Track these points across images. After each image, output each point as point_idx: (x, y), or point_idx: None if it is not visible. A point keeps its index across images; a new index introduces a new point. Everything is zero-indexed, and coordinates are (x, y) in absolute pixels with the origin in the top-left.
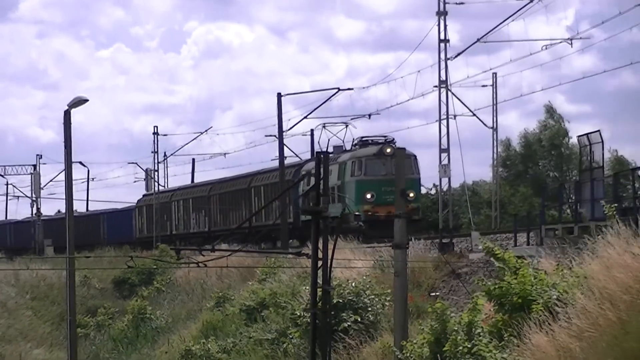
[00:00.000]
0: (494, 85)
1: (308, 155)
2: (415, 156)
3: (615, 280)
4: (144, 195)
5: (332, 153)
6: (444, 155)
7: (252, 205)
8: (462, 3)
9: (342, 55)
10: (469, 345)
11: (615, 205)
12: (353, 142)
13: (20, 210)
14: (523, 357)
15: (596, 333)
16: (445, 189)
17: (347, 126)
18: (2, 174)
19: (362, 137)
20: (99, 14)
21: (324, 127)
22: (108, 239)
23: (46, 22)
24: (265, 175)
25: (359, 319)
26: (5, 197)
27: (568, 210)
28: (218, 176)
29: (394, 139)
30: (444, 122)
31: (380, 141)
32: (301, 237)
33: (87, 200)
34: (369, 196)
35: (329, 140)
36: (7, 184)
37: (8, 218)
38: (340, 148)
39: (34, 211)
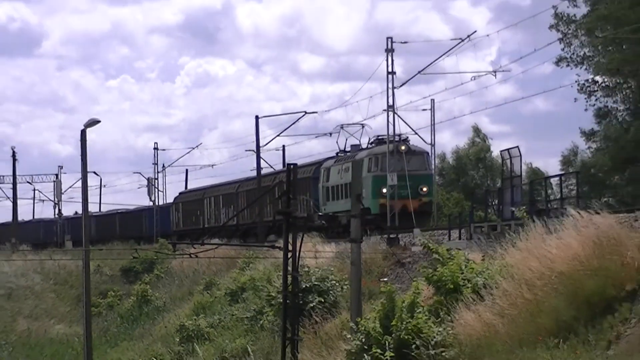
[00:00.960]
0: (432, 109)
1: (281, 167)
2: (427, 153)
3: (531, 268)
4: (180, 193)
5: (348, 151)
6: None
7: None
8: (405, 42)
9: (306, 85)
10: (411, 321)
11: (524, 207)
12: (369, 140)
13: (45, 212)
14: (455, 331)
15: (515, 311)
16: None
17: (363, 127)
18: (30, 181)
19: (378, 136)
20: (108, 50)
21: (342, 127)
22: (148, 233)
23: (64, 57)
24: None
25: (322, 300)
26: (32, 201)
27: (492, 211)
28: (208, 183)
29: (407, 137)
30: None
31: (395, 139)
32: (320, 230)
33: (100, 203)
34: (384, 190)
35: (346, 140)
36: (34, 190)
37: (35, 218)
38: (357, 147)
39: (56, 212)
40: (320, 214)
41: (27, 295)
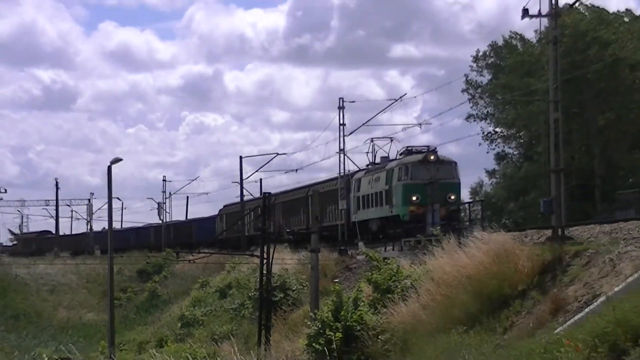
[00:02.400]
0: (373, 151)
1: (259, 194)
2: (455, 163)
3: (446, 272)
4: (224, 206)
5: (378, 163)
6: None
7: (308, 212)
8: (353, 102)
9: (276, 133)
10: (355, 312)
11: (439, 227)
12: (398, 152)
13: (79, 228)
14: (388, 320)
15: (434, 304)
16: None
17: (392, 140)
18: (69, 204)
19: (408, 147)
20: (127, 105)
21: (372, 141)
22: (197, 241)
23: (94, 110)
24: (323, 184)
25: (287, 295)
26: (70, 219)
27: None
28: (204, 210)
29: (436, 148)
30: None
31: (424, 150)
32: (351, 235)
33: (122, 221)
34: (414, 198)
35: (376, 152)
36: (71, 211)
37: (73, 232)
38: (387, 159)
39: (88, 228)
40: (353, 221)
41: (66, 290)
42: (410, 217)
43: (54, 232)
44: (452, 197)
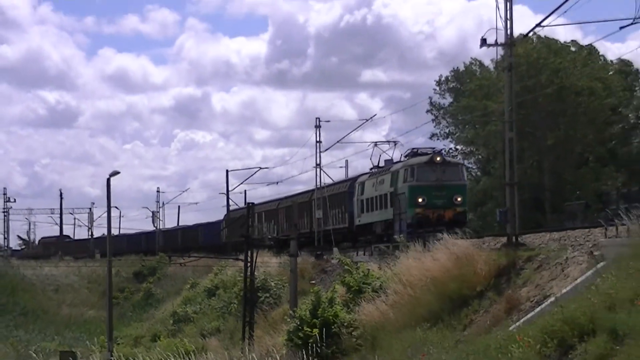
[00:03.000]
0: (346, 167)
1: (244, 205)
2: (462, 164)
3: (412, 275)
4: (228, 212)
5: (382, 167)
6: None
7: (312, 214)
8: (328, 121)
9: (258, 149)
10: (331, 310)
11: (403, 235)
12: (402, 154)
13: (81, 234)
14: (360, 317)
15: (401, 304)
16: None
17: (395, 144)
18: (72, 213)
19: (413, 149)
20: (124, 124)
21: (375, 145)
22: (203, 244)
23: (94, 128)
24: (328, 188)
25: (269, 295)
26: (73, 227)
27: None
28: (194, 218)
29: (442, 150)
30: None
31: (429, 152)
32: (354, 239)
33: (119, 228)
34: (420, 200)
35: (380, 155)
36: (74, 219)
37: (75, 238)
38: (390, 162)
39: (89, 234)
40: (356, 224)
41: (69, 290)
42: (416, 219)
43: (72, 237)
44: (459, 199)
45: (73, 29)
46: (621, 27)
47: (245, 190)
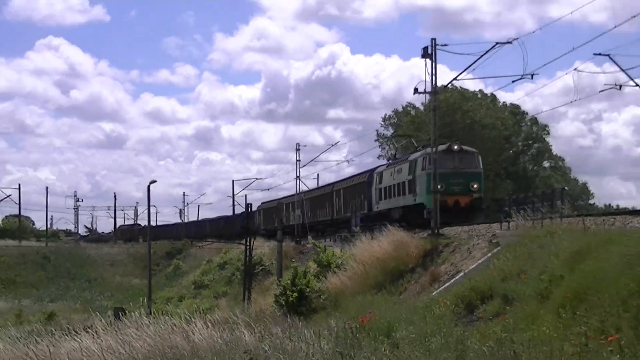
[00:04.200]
0: (318, 178)
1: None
2: (478, 153)
3: (363, 255)
4: (262, 203)
5: (399, 158)
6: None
7: (333, 205)
8: (305, 146)
9: (254, 165)
10: (304, 280)
11: (359, 227)
12: (417, 147)
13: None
14: (326, 286)
15: (355, 276)
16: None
17: (410, 137)
18: (122, 209)
19: (428, 139)
20: (159, 147)
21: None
22: (239, 232)
23: (137, 149)
24: (345, 181)
25: (263, 269)
26: (123, 219)
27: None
28: (209, 214)
29: (457, 140)
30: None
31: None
32: (372, 222)
33: (156, 222)
34: (438, 187)
35: (396, 148)
36: (124, 214)
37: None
38: (407, 153)
39: (135, 225)
40: (375, 211)
41: (120, 264)
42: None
43: (112, 228)
44: (475, 186)
45: (123, 79)
46: (513, 81)
47: (245, 195)
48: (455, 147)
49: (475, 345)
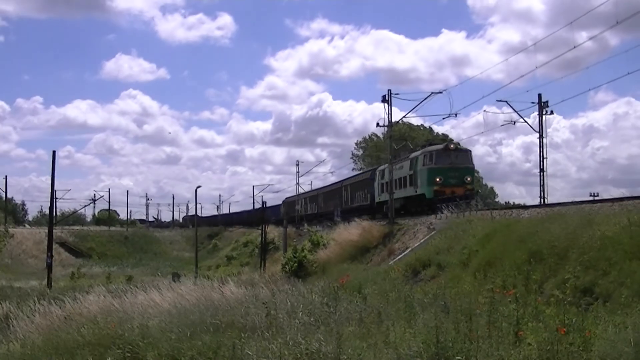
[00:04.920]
0: (311, 185)
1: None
2: (470, 151)
3: (341, 238)
4: (286, 198)
5: (400, 157)
6: None
7: (342, 198)
8: (302, 162)
9: (268, 175)
10: (303, 253)
11: (339, 218)
12: (418, 146)
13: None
14: (317, 258)
15: (336, 251)
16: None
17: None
18: (178, 206)
19: (428, 140)
20: (203, 163)
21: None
22: (269, 220)
23: (189, 165)
24: (353, 179)
25: (274, 246)
26: (179, 213)
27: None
28: (236, 209)
29: (452, 140)
30: None
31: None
32: (374, 212)
33: (201, 213)
34: (438, 179)
35: (399, 148)
36: (179, 210)
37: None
38: (407, 153)
39: (187, 216)
40: (376, 201)
41: (176, 242)
42: (434, 194)
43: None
44: (469, 179)
45: (178, 117)
46: (443, 118)
47: (262, 196)
48: (452, 145)
49: (419, 297)
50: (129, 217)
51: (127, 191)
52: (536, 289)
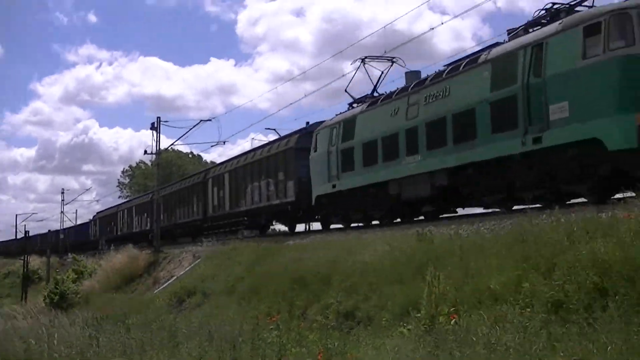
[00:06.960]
0: (76, 214)
1: None
2: None
3: (108, 265)
4: (97, 213)
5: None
6: None
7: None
8: (68, 190)
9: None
10: (65, 285)
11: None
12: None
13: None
14: (80, 287)
15: (103, 280)
16: None
17: (392, 63)
18: None
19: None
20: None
21: (362, 61)
22: (34, 249)
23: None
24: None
25: (38, 277)
26: None
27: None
28: None
29: None
30: None
31: None
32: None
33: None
34: None
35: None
36: None
37: None
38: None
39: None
40: None
41: None
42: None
43: None
44: None
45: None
46: (212, 145)
47: (25, 225)
48: None
49: (183, 327)
50: None
51: None
52: (299, 315)
